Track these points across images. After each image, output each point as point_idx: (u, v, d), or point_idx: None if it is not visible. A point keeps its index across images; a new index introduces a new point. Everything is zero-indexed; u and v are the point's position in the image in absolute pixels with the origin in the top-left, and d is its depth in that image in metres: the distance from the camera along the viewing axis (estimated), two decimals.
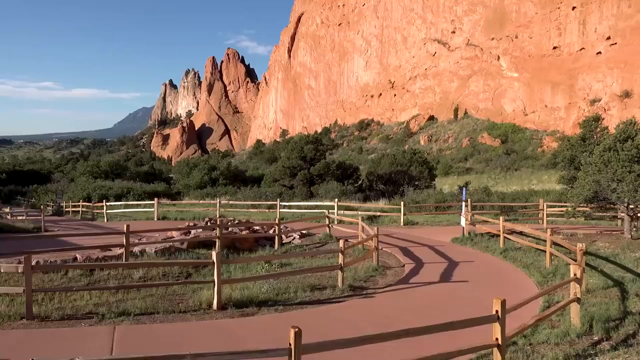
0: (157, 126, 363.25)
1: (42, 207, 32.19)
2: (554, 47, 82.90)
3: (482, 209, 28.95)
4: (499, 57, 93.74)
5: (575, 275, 9.02)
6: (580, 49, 77.97)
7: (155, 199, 33.24)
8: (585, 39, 77.30)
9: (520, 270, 14.72)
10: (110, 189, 46.67)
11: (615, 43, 71.98)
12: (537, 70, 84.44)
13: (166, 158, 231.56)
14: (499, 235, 18.82)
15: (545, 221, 25.25)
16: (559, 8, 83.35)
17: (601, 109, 66.67)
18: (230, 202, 35.65)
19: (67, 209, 40.95)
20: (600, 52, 74.38)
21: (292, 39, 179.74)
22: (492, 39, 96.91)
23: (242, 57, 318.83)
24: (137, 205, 36.61)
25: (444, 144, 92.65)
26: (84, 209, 37.48)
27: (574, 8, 79.84)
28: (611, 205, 19.18)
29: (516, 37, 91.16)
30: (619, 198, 17.78)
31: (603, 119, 30.51)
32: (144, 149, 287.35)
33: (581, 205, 19.68)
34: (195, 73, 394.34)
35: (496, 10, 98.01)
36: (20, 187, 65.09)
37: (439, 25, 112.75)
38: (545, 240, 15.25)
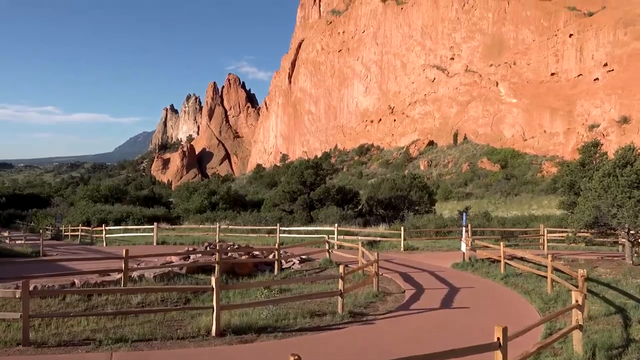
0: (157, 150, 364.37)
1: (41, 231, 32.09)
2: (552, 74, 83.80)
3: (483, 234, 28.86)
4: (497, 83, 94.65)
5: (577, 301, 8.94)
6: (578, 76, 78.80)
7: (155, 223, 33.16)
8: (583, 65, 78.19)
9: (521, 296, 14.61)
10: (109, 213, 46.57)
11: (613, 70, 72.77)
12: (535, 96, 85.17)
13: (166, 182, 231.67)
14: (499, 261, 18.72)
15: (546, 247, 25.14)
16: (556, 35, 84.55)
17: (600, 134, 67.03)
18: (230, 226, 35.55)
19: (66, 233, 40.79)
20: (597, 79, 75.14)
21: (293, 64, 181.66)
22: (491, 65, 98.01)
23: (243, 82, 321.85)
24: (137, 230, 36.49)
25: (444, 168, 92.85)
26: (83, 233, 37.33)
27: (570, 35, 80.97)
28: (612, 230, 19.14)
29: (514, 64, 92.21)
30: (619, 224, 17.75)
31: (602, 144, 30.67)
32: (144, 173, 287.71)
33: (582, 230, 19.63)
34: (196, 98, 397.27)
35: (494, 37, 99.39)
36: (20, 211, 64.99)
37: (438, 52, 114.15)
38: (546, 266, 15.16)
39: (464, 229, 23.31)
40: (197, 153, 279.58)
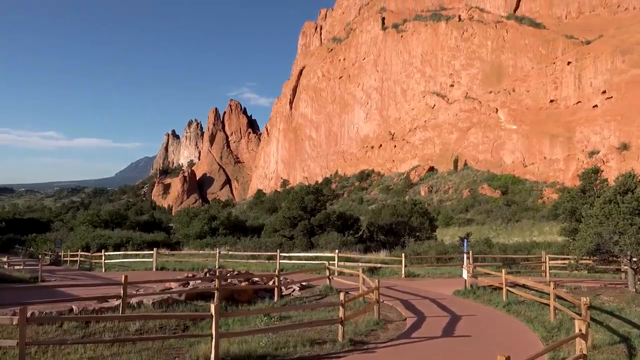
0: (158, 175, 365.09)
1: (40, 256, 31.93)
2: (551, 101, 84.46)
3: (484, 260, 28.67)
4: (497, 110, 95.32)
5: (580, 330, 8.83)
6: (577, 102, 79.40)
7: (155, 249, 33.01)
8: (582, 92, 78.85)
9: (524, 324, 14.43)
10: (109, 238, 46.36)
11: (611, 97, 73.36)
12: (535, 123, 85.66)
13: (166, 207, 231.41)
14: (501, 288, 18.55)
15: (548, 274, 24.95)
16: (554, 63, 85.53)
17: (600, 160, 67.22)
18: (230, 252, 35.36)
19: (65, 259, 40.57)
20: (596, 106, 75.68)
21: (294, 91, 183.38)
22: (490, 92, 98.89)
23: (245, 108, 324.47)
24: (136, 255, 36.27)
25: (445, 194, 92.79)
26: (82, 259, 37.13)
27: (569, 63, 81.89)
28: (614, 258, 19.01)
29: (513, 91, 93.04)
30: (621, 251, 17.64)
31: (602, 171, 30.70)
32: (144, 198, 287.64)
33: (584, 258, 19.50)
34: (197, 124, 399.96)
35: (493, 65, 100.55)
36: (20, 235, 64.75)
37: (438, 79, 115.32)
38: (548, 294, 15.02)
39: (465, 255, 23.16)
40: (197, 178, 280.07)
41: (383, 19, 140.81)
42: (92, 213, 69.22)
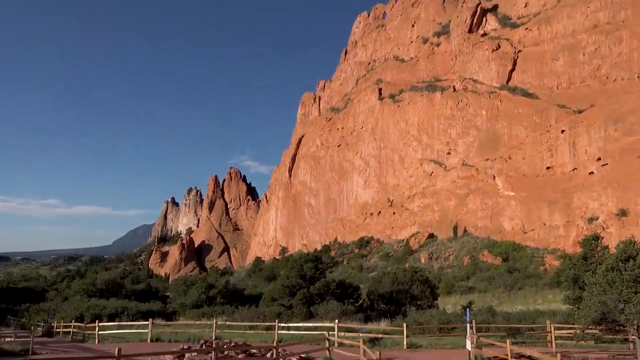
0: (156, 243, 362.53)
1: (32, 327, 31.15)
2: (547, 167, 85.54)
3: (488, 330, 27.98)
4: (494, 177, 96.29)
5: None
6: (573, 169, 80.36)
7: (150, 319, 32.31)
8: (577, 159, 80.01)
9: None
10: (104, 308, 45.39)
11: (606, 164, 74.36)
12: (532, 189, 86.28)
13: (164, 276, 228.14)
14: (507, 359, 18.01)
15: (554, 344, 24.29)
16: (548, 131, 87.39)
17: (599, 227, 67.13)
18: (227, 322, 34.57)
19: (58, 329, 39.56)
20: (592, 172, 76.56)
21: (293, 159, 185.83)
22: (487, 159, 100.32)
23: (244, 175, 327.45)
24: (131, 326, 35.41)
25: (445, 262, 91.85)
26: (75, 330, 36.19)
27: (563, 131, 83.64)
28: (620, 327, 18.59)
29: (510, 158, 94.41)
30: (627, 320, 17.29)
31: (602, 237, 30.60)
32: (141, 266, 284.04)
33: (589, 327, 19.07)
34: (197, 191, 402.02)
35: (489, 133, 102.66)
36: (13, 305, 63.39)
37: (435, 147, 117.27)
38: None
39: (468, 325, 22.65)
40: (196, 246, 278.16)
41: (380, 89, 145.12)
42: (88, 282, 68.14)
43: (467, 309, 25.60)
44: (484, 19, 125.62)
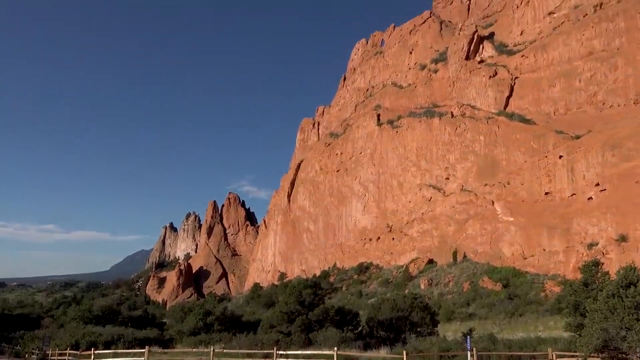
0: (154, 269, 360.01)
1: (26, 355, 30.72)
2: (546, 193, 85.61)
3: (489, 358, 27.60)
4: (493, 202, 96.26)
5: None
6: (572, 195, 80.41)
7: (147, 346, 31.89)
8: (575, 185, 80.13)
9: None
10: (100, 335, 44.84)
11: (605, 189, 74.45)
12: (531, 215, 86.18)
13: (161, 302, 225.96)
14: None
15: None
16: (546, 157, 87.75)
17: (599, 252, 66.87)
18: (225, 350, 34.11)
19: (53, 357, 38.99)
20: (591, 198, 76.59)
21: (292, 184, 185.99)
22: (485, 185, 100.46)
23: (243, 201, 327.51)
24: (127, 354, 34.95)
25: (445, 288, 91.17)
26: (70, 357, 35.70)
27: (560, 157, 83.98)
28: (623, 355, 18.36)
29: (508, 183, 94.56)
30: (630, 347, 17.10)
31: (602, 263, 30.42)
32: (138, 293, 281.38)
33: (591, 355, 18.84)
34: (195, 216, 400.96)
35: (487, 158, 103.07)
36: (7, 333, 62.51)
37: (433, 172, 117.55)
38: None
39: (469, 352, 22.38)
40: (194, 271, 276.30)
41: (378, 115, 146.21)
42: (84, 308, 67.32)
43: (468, 336, 25.32)
44: (481, 46, 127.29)
